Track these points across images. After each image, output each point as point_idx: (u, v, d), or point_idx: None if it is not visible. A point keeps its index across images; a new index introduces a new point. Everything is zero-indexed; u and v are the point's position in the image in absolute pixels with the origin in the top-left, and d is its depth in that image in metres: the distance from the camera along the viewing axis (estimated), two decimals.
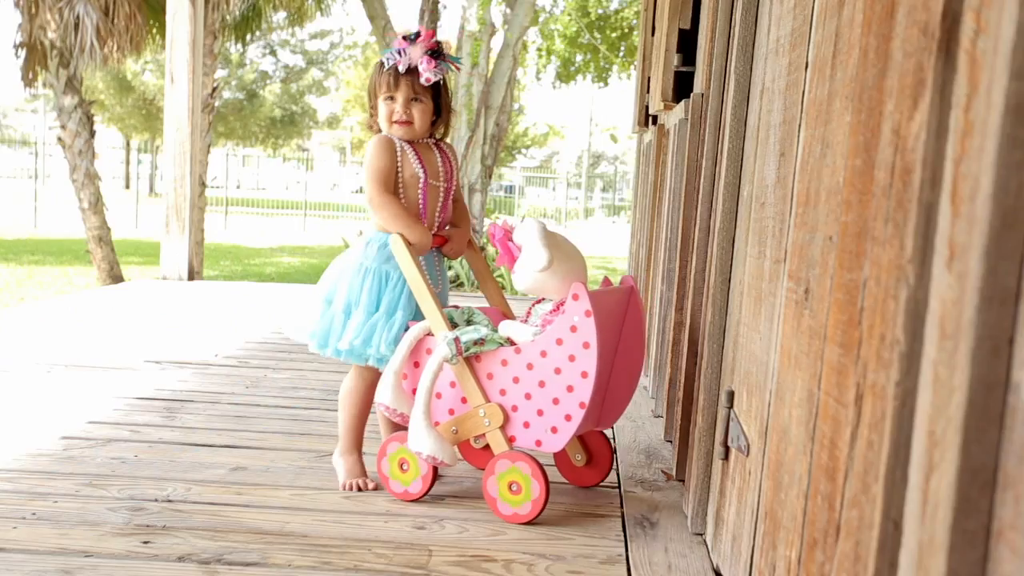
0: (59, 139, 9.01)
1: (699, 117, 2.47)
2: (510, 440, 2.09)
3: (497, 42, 10.56)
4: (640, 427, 2.93)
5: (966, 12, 0.74)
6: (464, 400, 2.13)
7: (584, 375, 1.99)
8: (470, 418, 2.12)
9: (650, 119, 4.32)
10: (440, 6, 10.72)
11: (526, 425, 2.07)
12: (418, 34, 2.20)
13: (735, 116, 1.91)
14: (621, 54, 14.01)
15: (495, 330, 2.14)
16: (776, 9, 1.65)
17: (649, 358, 3.53)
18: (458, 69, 2.29)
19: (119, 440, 2.56)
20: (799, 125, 1.36)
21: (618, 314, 2.17)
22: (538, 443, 2.06)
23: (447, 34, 15.06)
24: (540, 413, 2.05)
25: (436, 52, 2.20)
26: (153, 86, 24.29)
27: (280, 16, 12.11)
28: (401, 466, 2.19)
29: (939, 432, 0.72)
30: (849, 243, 1.03)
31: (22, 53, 8.63)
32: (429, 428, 2.10)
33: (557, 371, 2.02)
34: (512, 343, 2.09)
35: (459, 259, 2.90)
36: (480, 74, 10.26)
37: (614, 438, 2.80)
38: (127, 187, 30.92)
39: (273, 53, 27.25)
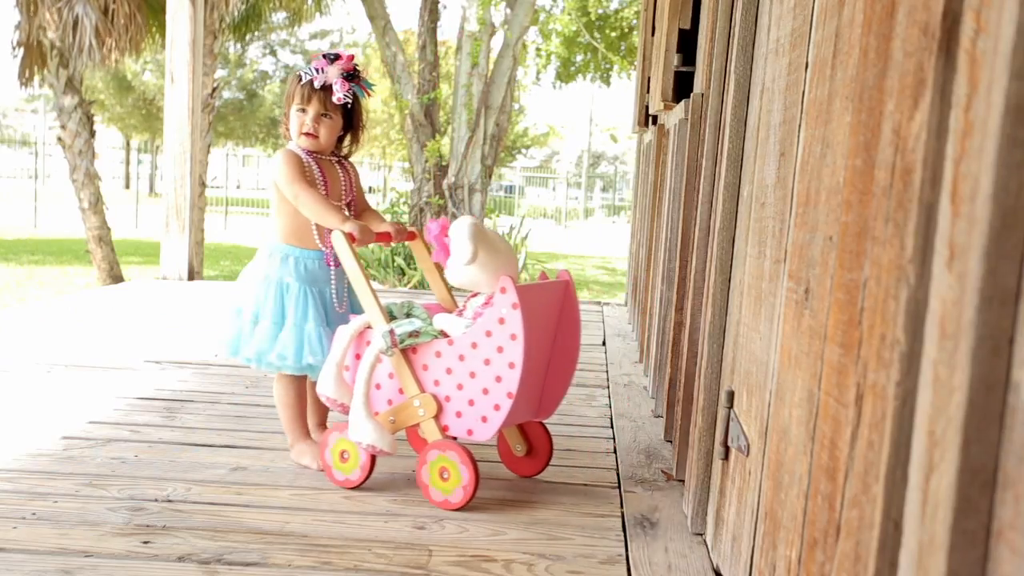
0: (59, 139, 9.01)
1: (699, 117, 2.47)
2: (443, 429, 2.16)
3: (497, 42, 10.56)
4: (640, 427, 2.93)
5: (966, 12, 0.74)
6: (402, 391, 2.20)
7: (512, 366, 2.05)
8: (406, 408, 2.19)
9: (650, 119, 4.32)
10: (440, 6, 10.72)
11: (458, 415, 2.14)
12: (338, 56, 2.34)
13: (735, 116, 1.91)
14: (621, 54, 14.00)
15: (431, 323, 2.21)
16: (776, 9, 1.65)
17: (649, 358, 3.53)
18: (369, 95, 2.42)
19: (119, 440, 2.56)
20: (799, 125, 1.36)
21: (553, 307, 2.25)
22: (469, 432, 2.13)
23: (447, 34, 15.04)
24: (471, 403, 2.12)
25: (351, 75, 2.34)
26: (153, 86, 24.28)
27: (280, 16, 12.11)
28: (342, 456, 2.25)
29: (939, 432, 0.72)
30: (849, 243, 1.03)
31: (20, 52, 8.63)
32: (368, 417, 2.16)
33: (487, 362, 2.08)
34: (446, 335, 2.16)
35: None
36: (480, 74, 10.25)
37: (613, 438, 2.80)
38: (127, 187, 30.92)
39: (273, 53, 27.23)
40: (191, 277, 6.26)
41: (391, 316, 2.23)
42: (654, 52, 4.03)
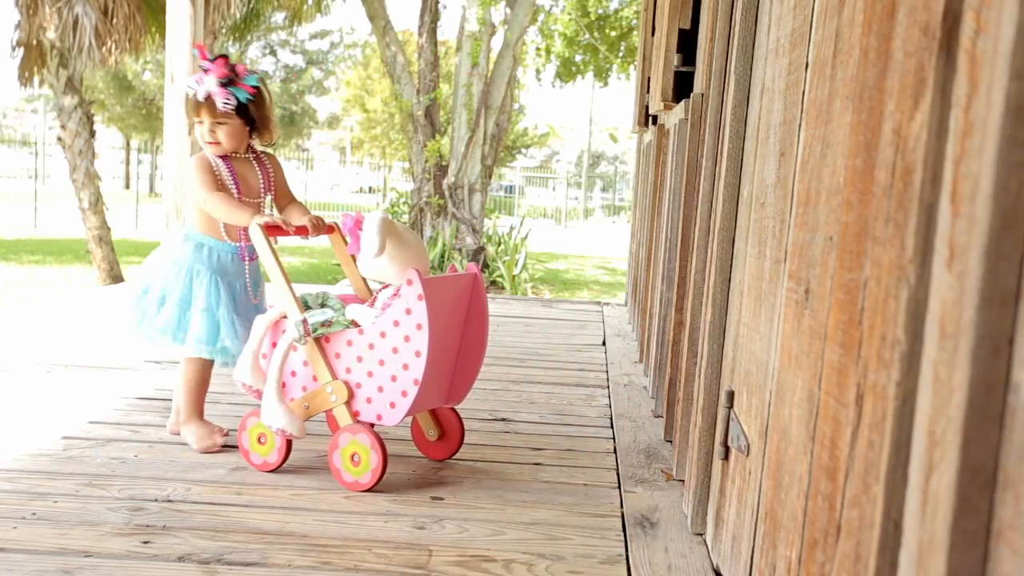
0: (59, 139, 9.01)
1: (699, 117, 2.47)
2: (354, 415, 2.25)
3: (497, 42, 10.56)
4: (640, 427, 2.93)
5: (966, 12, 0.74)
6: (316, 378, 2.28)
7: (418, 354, 2.15)
8: (319, 394, 2.27)
9: (650, 119, 4.32)
10: (440, 6, 10.72)
11: (368, 401, 2.23)
12: (209, 66, 2.37)
13: (735, 116, 1.91)
14: (621, 54, 13.99)
15: (344, 313, 2.29)
16: (776, 9, 1.65)
17: (649, 358, 3.53)
18: (252, 92, 2.41)
19: (119, 440, 2.56)
20: (799, 125, 1.36)
21: (462, 299, 2.36)
22: (379, 417, 2.23)
23: (447, 34, 15.03)
24: (380, 389, 2.21)
25: (228, 81, 2.38)
26: (153, 86, 24.27)
27: (280, 16, 12.11)
28: (259, 439, 2.34)
29: (939, 432, 0.72)
30: (849, 243, 1.03)
31: (19, 52, 8.63)
32: (279, 403, 2.24)
33: (394, 351, 2.18)
34: (357, 325, 2.24)
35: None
36: (480, 74, 10.25)
37: (613, 438, 2.80)
38: (127, 187, 30.91)
39: (273, 53, 27.21)
40: None
41: (306, 306, 2.32)
42: (654, 52, 4.03)
